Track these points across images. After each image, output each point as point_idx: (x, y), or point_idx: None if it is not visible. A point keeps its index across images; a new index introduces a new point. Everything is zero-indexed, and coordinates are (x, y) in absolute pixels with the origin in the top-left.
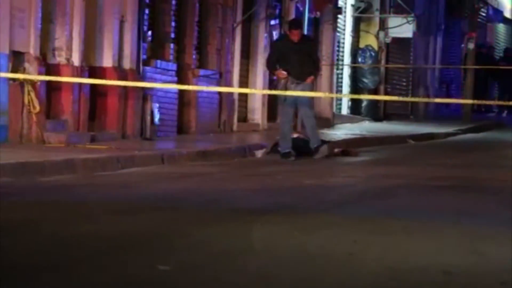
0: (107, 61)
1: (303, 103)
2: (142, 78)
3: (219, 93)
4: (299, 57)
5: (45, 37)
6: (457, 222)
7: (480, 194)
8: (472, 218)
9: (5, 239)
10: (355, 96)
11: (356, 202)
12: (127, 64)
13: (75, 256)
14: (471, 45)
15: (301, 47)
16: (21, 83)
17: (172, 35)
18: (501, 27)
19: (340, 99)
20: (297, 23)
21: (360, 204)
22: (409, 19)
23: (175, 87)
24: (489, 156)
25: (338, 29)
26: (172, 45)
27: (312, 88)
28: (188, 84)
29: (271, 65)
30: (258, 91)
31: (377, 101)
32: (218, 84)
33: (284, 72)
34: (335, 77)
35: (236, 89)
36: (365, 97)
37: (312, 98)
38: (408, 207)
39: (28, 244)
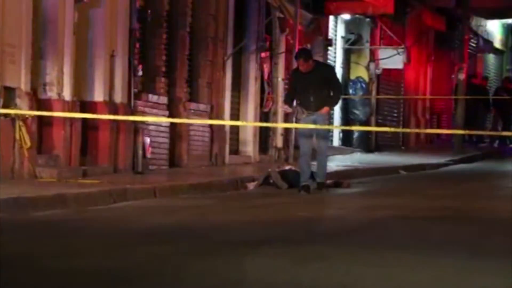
0: (98, 96)
1: (319, 136)
2: (133, 112)
3: (211, 126)
4: (311, 87)
5: (36, 72)
6: (450, 253)
7: (473, 224)
8: (467, 248)
9: None
10: (346, 128)
11: (349, 233)
12: (118, 98)
13: None
14: (461, 76)
15: (312, 76)
16: (12, 118)
17: (163, 69)
18: (491, 58)
19: (332, 131)
20: (301, 53)
21: (353, 235)
22: (399, 50)
23: (166, 120)
24: (481, 187)
25: (329, 61)
26: (163, 79)
27: (327, 119)
28: (180, 117)
29: (286, 97)
30: (249, 123)
31: (369, 133)
32: (210, 117)
33: (286, 107)
34: None
35: (227, 122)
36: (356, 128)
37: (328, 131)
38: (401, 239)
39: (20, 279)
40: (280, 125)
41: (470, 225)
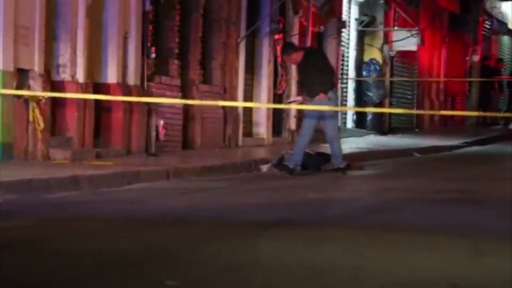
0: (112, 78)
1: (325, 121)
2: (147, 94)
3: (224, 108)
4: (305, 76)
5: (49, 54)
6: (463, 235)
7: (486, 207)
8: (479, 231)
9: (7, 257)
10: (360, 109)
11: (362, 216)
12: (131, 80)
13: (79, 273)
14: (475, 58)
15: (302, 66)
16: (26, 100)
17: (176, 51)
18: (505, 39)
19: (345, 113)
20: (281, 50)
21: (366, 218)
22: (413, 32)
23: (180, 102)
24: (494, 169)
25: (342, 43)
26: (176, 61)
27: (329, 104)
28: (193, 99)
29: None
30: (262, 105)
31: (382, 115)
32: (223, 99)
33: (298, 99)
34: (339, 91)
35: (240, 103)
36: (370, 109)
37: (335, 118)
38: (414, 221)
39: (30, 262)
40: (293, 106)
41: (482, 207)
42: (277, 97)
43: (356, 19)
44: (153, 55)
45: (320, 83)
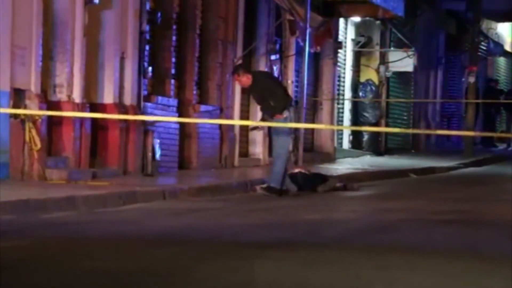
0: (108, 98)
1: (278, 137)
2: (143, 114)
3: (220, 128)
4: (259, 100)
5: (46, 74)
6: (461, 256)
7: (483, 228)
8: (476, 252)
9: (7, 277)
10: (356, 128)
11: (359, 236)
12: (128, 100)
13: None
14: (472, 79)
15: (253, 90)
16: (22, 120)
17: (173, 71)
18: (501, 61)
19: (341, 134)
20: (233, 70)
21: (363, 238)
22: (410, 53)
23: (175, 120)
24: (491, 190)
25: (339, 64)
26: (172, 81)
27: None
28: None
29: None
30: (258, 123)
31: (378, 135)
32: (219, 119)
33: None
34: (336, 111)
35: (236, 121)
36: (366, 129)
37: (288, 136)
38: (411, 242)
39: (29, 282)
40: (289, 125)
41: (479, 229)
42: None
43: (352, 40)
44: (150, 75)
45: (273, 105)
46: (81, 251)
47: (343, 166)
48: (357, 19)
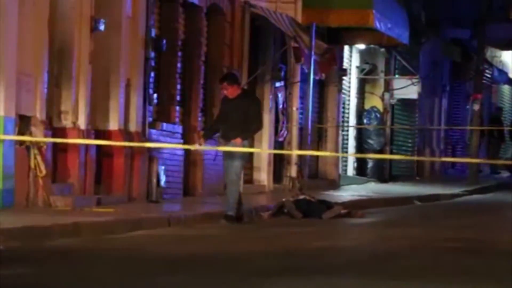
0: (113, 124)
1: (233, 161)
2: (148, 141)
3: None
4: (233, 115)
5: (51, 100)
6: (465, 284)
7: (487, 256)
8: (480, 280)
9: None
10: (361, 156)
11: (365, 264)
12: (133, 127)
13: None
14: (476, 107)
15: (235, 103)
16: (27, 146)
17: (178, 98)
18: (505, 89)
19: (346, 161)
20: (226, 76)
21: (369, 266)
22: (414, 80)
23: (180, 147)
24: (495, 218)
25: (343, 91)
26: (178, 108)
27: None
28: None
29: (206, 131)
30: (263, 150)
31: (383, 162)
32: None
33: (201, 142)
34: (340, 138)
35: (239, 148)
36: (370, 156)
37: (242, 161)
38: (416, 270)
39: None
40: (295, 152)
41: (483, 257)
42: (278, 144)
43: (357, 67)
44: (155, 102)
45: (243, 130)
46: (86, 278)
47: (348, 193)
48: (362, 46)
